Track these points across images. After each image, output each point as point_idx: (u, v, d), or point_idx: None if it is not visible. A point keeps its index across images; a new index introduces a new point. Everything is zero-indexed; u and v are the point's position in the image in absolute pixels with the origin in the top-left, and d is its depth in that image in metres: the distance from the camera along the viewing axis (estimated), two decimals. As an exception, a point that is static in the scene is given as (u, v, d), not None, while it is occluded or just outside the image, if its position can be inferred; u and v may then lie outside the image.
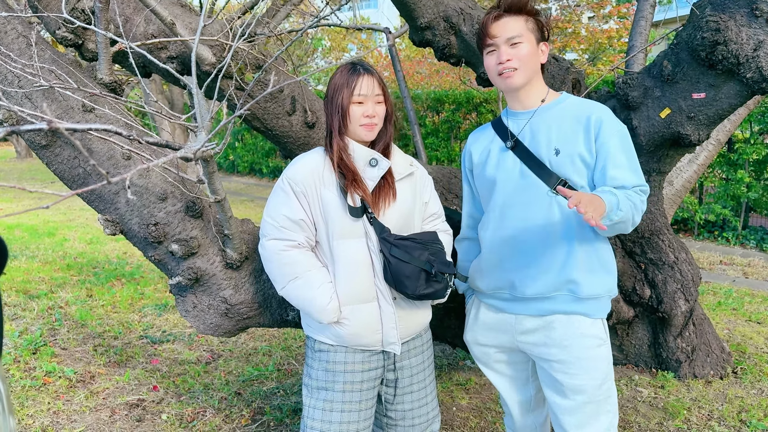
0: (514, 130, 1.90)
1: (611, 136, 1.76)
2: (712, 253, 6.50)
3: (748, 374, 3.36)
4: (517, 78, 1.81)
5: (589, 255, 1.83)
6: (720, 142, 4.17)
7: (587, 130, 1.77)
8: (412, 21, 2.89)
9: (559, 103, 1.86)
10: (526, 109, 1.89)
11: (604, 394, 1.88)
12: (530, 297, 1.86)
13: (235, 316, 2.27)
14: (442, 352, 3.85)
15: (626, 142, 1.79)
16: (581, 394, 1.85)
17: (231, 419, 3.06)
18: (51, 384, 3.42)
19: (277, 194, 1.86)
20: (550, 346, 1.87)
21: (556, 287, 1.83)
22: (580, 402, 1.86)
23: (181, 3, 2.69)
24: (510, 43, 1.79)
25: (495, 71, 1.84)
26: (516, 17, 1.80)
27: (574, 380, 1.85)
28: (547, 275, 1.82)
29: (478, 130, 2.07)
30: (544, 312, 1.87)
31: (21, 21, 2.14)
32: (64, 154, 2.11)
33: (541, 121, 1.84)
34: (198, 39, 1.68)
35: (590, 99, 2.82)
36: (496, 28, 1.80)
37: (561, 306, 1.85)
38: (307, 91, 2.92)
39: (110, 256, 6.59)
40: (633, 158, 1.79)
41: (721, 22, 2.22)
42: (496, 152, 1.92)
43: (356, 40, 19.05)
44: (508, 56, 1.79)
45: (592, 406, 1.87)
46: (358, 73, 1.81)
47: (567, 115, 1.82)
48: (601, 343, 1.87)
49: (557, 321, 1.86)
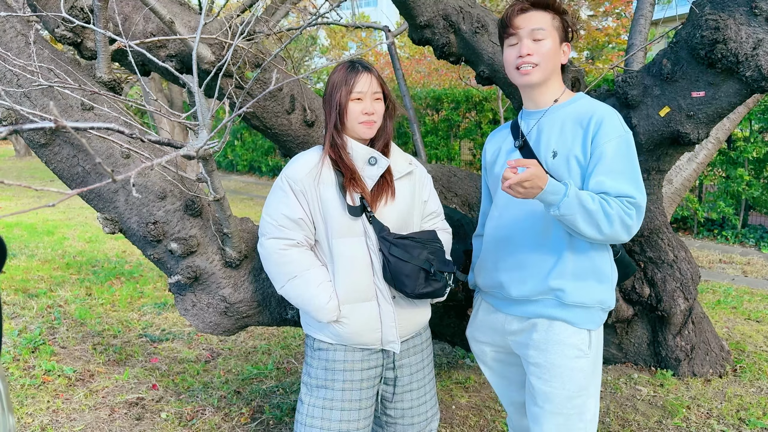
0: (524, 129, 1.88)
1: (609, 140, 1.68)
2: (712, 252, 6.50)
3: (748, 373, 3.36)
4: (535, 75, 1.76)
5: (581, 262, 1.78)
6: (719, 140, 4.17)
7: (586, 131, 1.71)
8: (411, 19, 2.88)
9: (570, 104, 1.81)
10: (538, 108, 1.85)
11: (576, 408, 1.80)
12: (516, 298, 1.85)
13: (235, 314, 2.27)
14: (441, 350, 3.85)
15: (624, 148, 1.69)
16: (549, 403, 1.80)
17: (230, 418, 3.06)
18: (50, 382, 3.42)
19: (276, 193, 1.86)
20: (530, 347, 1.84)
21: (541, 291, 1.80)
22: (547, 411, 1.81)
23: (180, 1, 2.69)
24: (533, 36, 1.74)
25: (513, 65, 1.78)
26: (543, 12, 1.76)
27: (544, 386, 1.81)
28: (533, 279, 1.80)
29: (497, 129, 2.06)
30: (529, 314, 1.84)
31: (20, 19, 2.13)
32: (63, 152, 2.11)
33: (549, 122, 1.81)
34: (198, 37, 1.68)
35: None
36: (521, 19, 1.75)
37: (545, 310, 1.81)
38: (307, 89, 2.92)
39: (109, 254, 6.59)
40: (629, 166, 1.69)
41: (720, 21, 2.21)
42: (506, 151, 1.92)
43: (356, 38, 19.04)
44: (530, 50, 1.74)
45: (561, 418, 1.80)
46: (356, 71, 1.81)
47: (572, 116, 1.77)
48: (581, 355, 1.80)
49: (540, 324, 1.83)
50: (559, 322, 1.80)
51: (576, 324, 1.79)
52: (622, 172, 1.67)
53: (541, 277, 1.79)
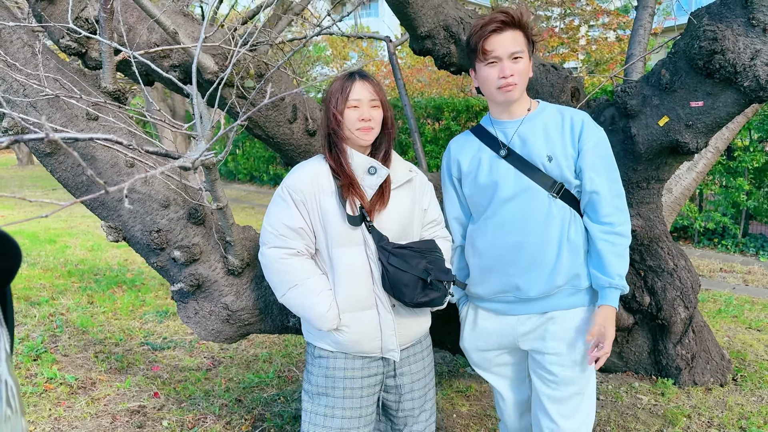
0: (502, 138, 1.94)
1: (590, 138, 1.87)
2: (712, 261, 6.50)
3: (749, 381, 3.36)
4: (516, 92, 1.86)
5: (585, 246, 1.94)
6: (718, 149, 4.19)
7: (572, 132, 1.88)
8: (412, 30, 2.91)
9: (542, 112, 1.94)
10: (513, 118, 1.94)
11: (591, 386, 2.00)
12: (534, 297, 1.93)
13: (237, 322, 2.28)
14: (442, 359, 3.85)
15: (604, 147, 1.90)
16: (571, 385, 1.95)
17: (231, 426, 3.06)
18: (52, 390, 3.43)
19: (276, 203, 1.87)
20: (548, 339, 1.95)
21: (559, 285, 1.91)
22: (570, 393, 1.96)
23: (184, 12, 2.72)
24: (512, 57, 1.82)
25: (495, 84, 1.85)
26: (516, 32, 1.83)
27: (566, 372, 1.94)
28: (551, 274, 1.90)
29: (459, 139, 2.09)
30: (546, 309, 1.95)
31: (26, 30, 2.16)
32: (68, 161, 2.13)
33: (530, 129, 1.90)
34: (200, 47, 1.70)
35: (589, 107, 2.85)
36: (498, 41, 1.82)
37: (562, 301, 1.94)
38: (308, 99, 2.94)
39: (111, 263, 6.60)
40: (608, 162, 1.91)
41: (718, 32, 2.24)
42: (488, 160, 1.95)
43: (357, 49, 19.13)
44: (512, 71, 1.82)
45: (579, 396, 1.98)
46: (353, 79, 1.84)
47: (551, 122, 1.91)
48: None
49: (557, 316, 1.95)
50: (575, 310, 1.95)
51: (589, 303, 1.97)
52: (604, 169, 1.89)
53: (558, 271, 1.90)
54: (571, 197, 1.90)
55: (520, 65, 1.84)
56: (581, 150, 1.87)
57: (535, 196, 1.87)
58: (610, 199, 1.87)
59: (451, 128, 9.68)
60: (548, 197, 1.87)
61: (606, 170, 1.89)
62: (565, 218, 1.89)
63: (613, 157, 1.93)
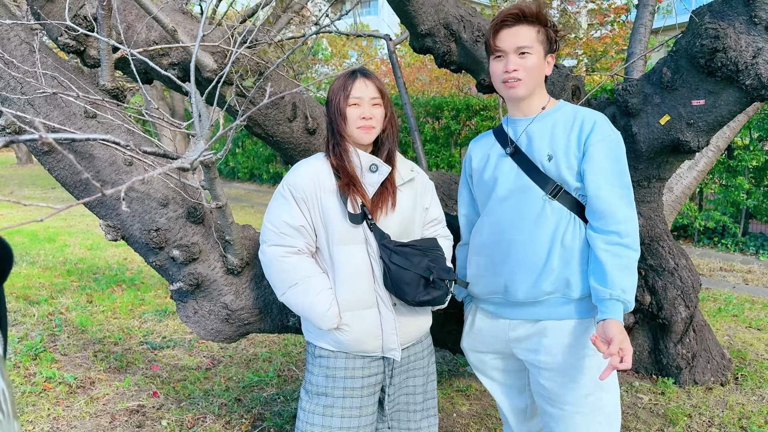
0: (512, 136, 1.91)
1: (599, 140, 1.76)
2: (712, 260, 6.50)
3: (749, 381, 3.36)
4: (521, 89, 1.81)
5: (582, 254, 1.81)
6: (719, 148, 4.18)
7: (579, 132, 1.78)
8: (412, 28, 2.90)
9: (556, 111, 1.87)
10: (525, 116, 1.89)
11: (591, 405, 1.83)
12: (522, 301, 1.86)
13: (236, 321, 2.27)
14: (442, 358, 3.84)
15: (614, 148, 1.78)
16: (568, 404, 1.84)
17: (231, 425, 3.05)
18: (51, 390, 3.42)
19: (277, 200, 1.86)
20: (540, 353, 1.85)
21: (547, 290, 1.81)
22: (569, 411, 1.85)
23: (183, 10, 2.71)
24: (519, 52, 1.78)
25: (500, 78, 1.83)
26: (528, 27, 1.79)
27: (560, 389, 1.84)
28: (539, 277, 1.81)
29: (480, 137, 2.08)
30: (537, 317, 1.86)
31: (24, 28, 2.15)
32: (66, 160, 2.12)
33: (538, 128, 1.85)
34: (198, 45, 1.69)
35: (590, 106, 2.84)
36: (507, 35, 1.79)
37: (552, 310, 1.83)
38: (308, 97, 2.93)
39: (110, 261, 6.59)
40: (619, 167, 1.78)
41: (720, 30, 2.23)
42: (495, 158, 1.93)
43: (357, 47, 19.11)
44: (515, 66, 1.78)
45: (580, 417, 1.84)
46: (354, 77, 1.83)
47: (560, 121, 1.83)
48: (592, 354, 1.82)
49: (549, 328, 1.84)
50: (566, 321, 1.83)
51: (583, 314, 1.83)
52: (613, 174, 1.76)
53: (545, 275, 1.80)
54: (572, 200, 1.81)
55: (528, 61, 1.78)
56: (586, 150, 1.77)
57: (529, 195, 1.82)
58: (616, 207, 1.73)
59: (451, 127, 9.67)
60: (543, 198, 1.81)
61: (615, 175, 1.76)
62: (561, 221, 1.79)
63: (626, 163, 1.81)
